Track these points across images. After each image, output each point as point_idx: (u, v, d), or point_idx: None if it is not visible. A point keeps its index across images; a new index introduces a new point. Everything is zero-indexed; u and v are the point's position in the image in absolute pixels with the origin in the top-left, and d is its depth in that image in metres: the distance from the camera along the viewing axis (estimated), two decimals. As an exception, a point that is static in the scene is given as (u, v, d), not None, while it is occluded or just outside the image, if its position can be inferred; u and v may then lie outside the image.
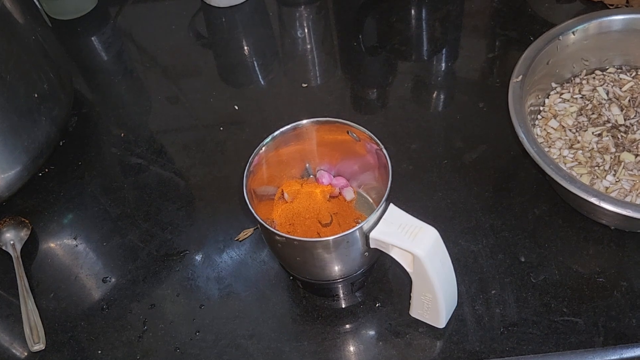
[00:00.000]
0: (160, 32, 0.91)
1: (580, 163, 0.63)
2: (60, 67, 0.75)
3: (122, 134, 0.78)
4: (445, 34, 0.87)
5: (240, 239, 0.65)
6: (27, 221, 0.68)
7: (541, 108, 0.68)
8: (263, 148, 0.55)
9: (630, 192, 0.60)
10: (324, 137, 0.58)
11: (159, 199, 0.70)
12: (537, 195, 0.65)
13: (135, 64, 0.88)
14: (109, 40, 0.91)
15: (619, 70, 0.70)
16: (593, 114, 0.67)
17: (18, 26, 0.67)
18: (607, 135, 0.64)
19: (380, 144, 0.54)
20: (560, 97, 0.69)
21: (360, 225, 0.49)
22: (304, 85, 0.81)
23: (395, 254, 0.51)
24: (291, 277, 0.62)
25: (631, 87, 0.69)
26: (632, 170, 0.62)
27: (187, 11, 0.92)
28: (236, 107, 0.79)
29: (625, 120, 0.66)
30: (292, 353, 0.57)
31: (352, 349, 0.57)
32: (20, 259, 0.65)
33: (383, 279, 0.61)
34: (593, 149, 0.64)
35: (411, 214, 0.51)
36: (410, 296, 0.55)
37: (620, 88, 0.69)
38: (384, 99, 0.79)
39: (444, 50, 0.84)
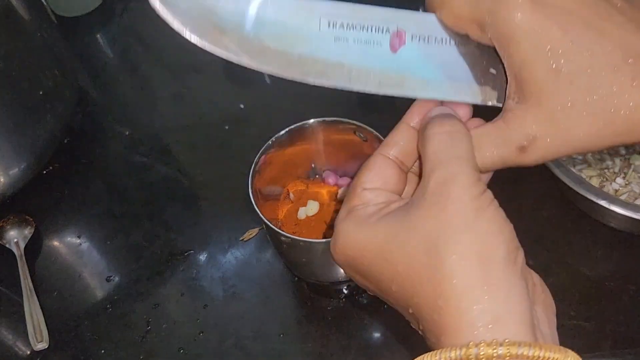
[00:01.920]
0: (166, 30, 0.90)
1: (589, 165, 0.62)
2: (65, 64, 0.74)
3: (127, 132, 0.77)
4: (453, 33, 0.86)
5: (245, 239, 0.65)
6: (31, 219, 0.68)
7: (550, 109, 0.68)
8: (269, 147, 0.55)
9: (640, 195, 0.60)
10: (330, 137, 0.58)
11: (164, 198, 0.70)
12: (545, 198, 0.64)
13: (140, 61, 0.87)
14: (114, 38, 0.90)
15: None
16: (603, 115, 0.66)
17: (23, 23, 0.67)
18: (617, 137, 0.64)
19: (388, 145, 0.53)
20: (569, 98, 0.68)
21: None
22: (311, 84, 0.80)
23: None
24: (296, 278, 0.61)
25: (641, 88, 0.68)
26: (642, 173, 0.61)
27: (193, 9, 0.92)
28: (242, 106, 0.78)
29: (635, 122, 0.65)
30: (297, 354, 0.57)
31: (357, 350, 0.57)
32: (23, 257, 0.64)
33: (389, 280, 0.61)
34: (603, 151, 0.63)
35: None
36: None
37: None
38: (391, 98, 0.78)
39: (452, 50, 0.83)
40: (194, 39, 0.32)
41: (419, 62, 0.33)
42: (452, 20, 0.32)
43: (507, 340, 0.25)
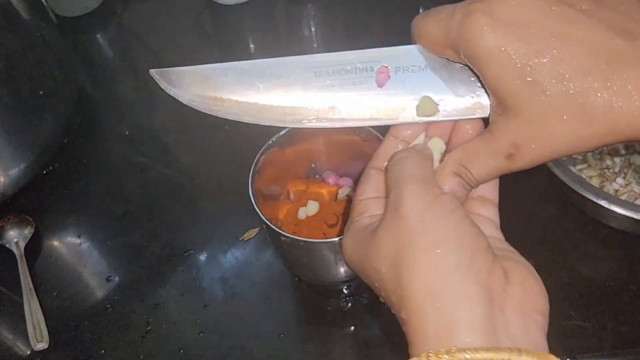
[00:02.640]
0: (166, 30, 0.90)
1: (589, 165, 0.62)
2: (65, 65, 0.75)
3: (127, 132, 0.77)
4: (453, 33, 0.86)
5: (245, 239, 0.65)
6: (31, 219, 0.68)
7: (550, 109, 0.68)
8: (269, 147, 0.55)
9: (640, 195, 0.60)
10: (330, 136, 0.58)
11: (164, 198, 0.70)
12: (546, 198, 0.64)
13: (140, 61, 0.87)
14: (114, 38, 0.91)
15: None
16: (603, 115, 0.66)
17: (23, 23, 0.67)
18: (617, 137, 0.64)
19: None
20: (569, 98, 0.68)
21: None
22: (311, 84, 0.80)
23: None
24: (296, 278, 0.61)
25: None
26: (642, 173, 0.61)
27: (193, 8, 0.92)
28: (242, 106, 0.78)
29: (635, 122, 0.65)
30: (297, 355, 0.57)
31: (357, 351, 0.57)
32: (23, 257, 0.64)
33: (389, 280, 0.61)
34: (603, 151, 0.63)
35: None
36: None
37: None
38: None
39: (452, 49, 0.83)
40: (199, 108, 0.38)
41: (405, 92, 0.35)
42: (430, 47, 0.34)
43: (453, 349, 0.26)
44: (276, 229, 0.50)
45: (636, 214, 0.53)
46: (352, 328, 0.58)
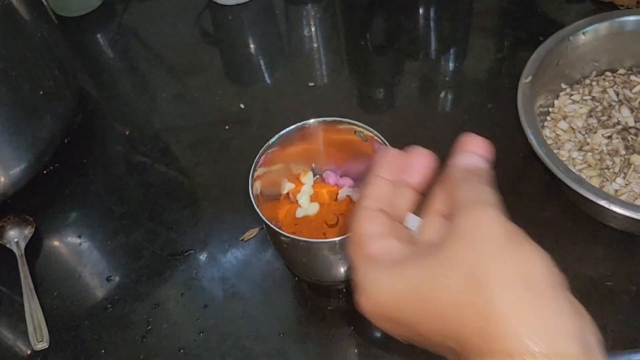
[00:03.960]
0: (166, 30, 0.90)
1: (589, 165, 0.62)
2: (66, 64, 0.75)
3: (127, 132, 0.77)
4: (454, 33, 0.86)
5: (245, 239, 0.65)
6: (31, 219, 0.68)
7: (550, 109, 0.68)
8: (269, 147, 0.55)
9: (640, 195, 0.60)
10: (330, 136, 0.58)
11: (164, 197, 0.70)
12: (546, 198, 0.64)
13: (140, 61, 0.87)
14: (115, 38, 0.90)
15: (629, 72, 0.70)
16: (603, 115, 0.66)
17: (24, 23, 0.67)
18: (617, 138, 0.64)
19: (387, 144, 0.53)
20: (569, 99, 0.68)
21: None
22: (311, 84, 0.80)
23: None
24: (296, 278, 0.61)
25: (642, 88, 0.68)
26: (642, 173, 0.61)
27: (194, 8, 0.92)
28: (242, 106, 0.78)
29: (635, 122, 0.65)
30: (297, 355, 0.57)
31: (357, 351, 0.57)
32: (24, 257, 0.64)
33: (389, 280, 0.61)
34: (603, 151, 0.63)
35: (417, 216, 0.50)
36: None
37: (631, 90, 0.68)
38: (391, 98, 0.79)
39: (452, 49, 0.83)
40: None
41: None
42: None
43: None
44: (276, 229, 0.50)
45: (636, 214, 0.53)
46: (352, 328, 0.58)
